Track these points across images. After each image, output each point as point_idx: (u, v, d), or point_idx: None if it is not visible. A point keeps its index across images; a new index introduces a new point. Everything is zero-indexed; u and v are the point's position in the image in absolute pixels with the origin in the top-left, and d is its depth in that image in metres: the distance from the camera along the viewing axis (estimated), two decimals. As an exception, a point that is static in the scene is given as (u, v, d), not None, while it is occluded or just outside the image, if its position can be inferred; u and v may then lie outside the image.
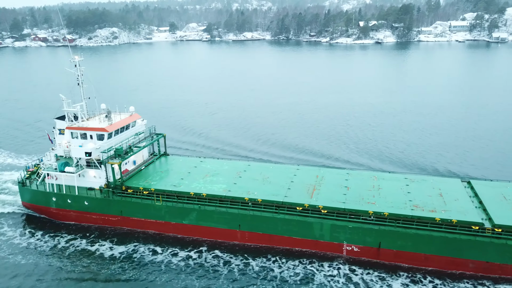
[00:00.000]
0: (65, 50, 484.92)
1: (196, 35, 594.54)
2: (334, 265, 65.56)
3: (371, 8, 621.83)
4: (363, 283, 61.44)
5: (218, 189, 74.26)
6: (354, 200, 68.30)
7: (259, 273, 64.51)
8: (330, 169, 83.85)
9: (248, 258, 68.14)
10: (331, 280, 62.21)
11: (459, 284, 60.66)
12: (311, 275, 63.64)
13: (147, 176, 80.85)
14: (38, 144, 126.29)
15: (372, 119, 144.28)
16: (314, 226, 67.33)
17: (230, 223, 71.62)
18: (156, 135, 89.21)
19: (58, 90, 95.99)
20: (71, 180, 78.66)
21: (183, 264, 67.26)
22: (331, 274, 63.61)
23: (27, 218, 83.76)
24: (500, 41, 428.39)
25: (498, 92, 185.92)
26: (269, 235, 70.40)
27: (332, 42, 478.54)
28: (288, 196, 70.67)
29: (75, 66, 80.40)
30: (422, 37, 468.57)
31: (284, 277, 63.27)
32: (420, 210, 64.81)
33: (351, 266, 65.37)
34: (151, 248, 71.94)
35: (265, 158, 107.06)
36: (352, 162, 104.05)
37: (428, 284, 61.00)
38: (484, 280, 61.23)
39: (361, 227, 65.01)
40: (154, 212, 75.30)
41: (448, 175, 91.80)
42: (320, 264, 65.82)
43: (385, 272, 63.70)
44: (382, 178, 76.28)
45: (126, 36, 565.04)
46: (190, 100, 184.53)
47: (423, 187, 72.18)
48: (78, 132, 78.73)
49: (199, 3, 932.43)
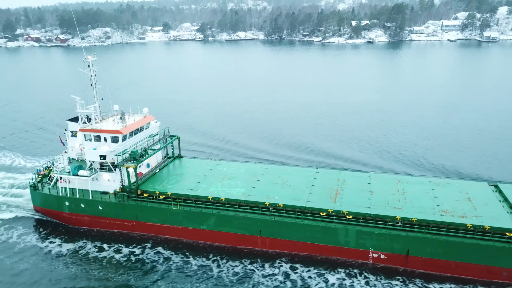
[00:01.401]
0: (58, 50, 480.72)
1: (189, 35, 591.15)
2: (360, 273, 62.91)
3: (365, 8, 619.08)
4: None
5: (237, 193, 71.36)
6: (380, 205, 65.55)
7: (283, 281, 61.85)
8: (351, 172, 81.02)
9: (271, 266, 65.40)
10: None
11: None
12: (337, 283, 61.00)
13: (162, 179, 77.92)
14: (44, 145, 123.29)
15: (377, 118, 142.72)
16: (339, 232, 64.44)
17: (250, 228, 68.71)
18: (170, 137, 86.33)
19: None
20: (85, 184, 75.66)
21: (200, 271, 64.52)
22: (359, 282, 61.11)
23: (39, 222, 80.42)
24: (491, 40, 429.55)
25: (489, 92, 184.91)
26: (292, 242, 67.50)
27: (324, 41, 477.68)
28: (311, 200, 67.81)
29: (88, 66, 77.24)
30: (414, 36, 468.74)
31: (310, 285, 60.69)
32: (450, 215, 62.07)
33: (377, 273, 62.75)
34: (169, 254, 69.14)
35: (271, 159, 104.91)
36: (362, 162, 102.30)
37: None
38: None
39: (389, 233, 62.22)
40: (171, 217, 72.31)
41: (473, 177, 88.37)
42: (346, 272, 63.01)
43: (413, 280, 61.03)
44: (406, 182, 73.48)
45: (119, 36, 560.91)
46: (189, 99, 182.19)
47: (449, 191, 69.49)
48: (91, 134, 75.75)
49: (195, 3, 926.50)
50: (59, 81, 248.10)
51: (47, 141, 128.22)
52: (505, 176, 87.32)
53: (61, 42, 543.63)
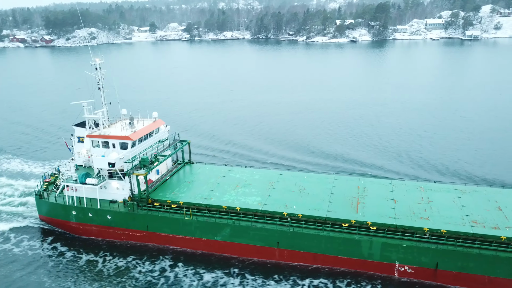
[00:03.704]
0: (43, 50, 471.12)
1: (176, 35, 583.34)
2: (385, 287, 59.16)
3: (353, 7, 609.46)
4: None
5: (253, 202, 67.27)
6: (405, 215, 61.67)
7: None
8: (371, 178, 77.15)
9: (290, 279, 61.36)
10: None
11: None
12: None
13: (173, 187, 73.54)
14: (48, 149, 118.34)
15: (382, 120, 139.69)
16: (363, 244, 60.39)
17: (268, 240, 64.50)
18: (181, 142, 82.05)
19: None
20: (93, 192, 71.13)
21: (214, 285, 60.51)
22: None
23: (44, 232, 75.79)
24: (472, 38, 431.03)
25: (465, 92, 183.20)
26: (312, 254, 63.44)
27: (308, 41, 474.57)
28: (331, 210, 63.81)
29: (96, 69, 72.53)
30: (397, 35, 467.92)
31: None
32: (481, 226, 58.05)
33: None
34: (181, 267, 65.00)
35: (281, 162, 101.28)
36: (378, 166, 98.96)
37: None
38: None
39: (416, 246, 58.24)
40: (183, 228, 67.95)
41: (499, 183, 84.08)
42: (370, 286, 59.21)
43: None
44: (430, 189, 69.63)
45: (105, 36, 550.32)
46: (182, 100, 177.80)
47: (477, 200, 65.66)
48: (99, 140, 71.16)
49: (185, 3, 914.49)
50: (47, 81, 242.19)
51: (48, 144, 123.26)
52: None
53: (46, 42, 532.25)
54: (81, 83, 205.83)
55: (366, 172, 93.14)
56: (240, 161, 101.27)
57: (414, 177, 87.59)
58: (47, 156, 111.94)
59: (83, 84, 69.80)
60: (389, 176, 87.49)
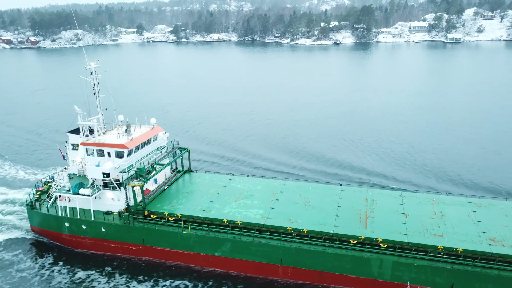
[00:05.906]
0: (29, 52, 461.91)
1: (163, 37, 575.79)
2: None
3: (343, 9, 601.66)
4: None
5: (255, 215, 62.92)
6: (417, 231, 57.53)
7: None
8: (379, 190, 72.97)
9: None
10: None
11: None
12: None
13: (171, 198, 68.96)
14: (40, 154, 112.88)
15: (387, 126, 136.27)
16: (372, 262, 56.22)
17: (271, 256, 60.17)
18: (180, 150, 77.34)
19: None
20: (86, 203, 66.23)
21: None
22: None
23: (36, 244, 70.95)
24: (454, 41, 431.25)
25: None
26: (318, 272, 59.17)
27: (292, 43, 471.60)
28: (339, 225, 59.53)
29: (91, 73, 67.66)
30: (380, 38, 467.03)
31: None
32: (500, 245, 53.55)
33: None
34: (178, 283, 60.74)
35: (271, 165, 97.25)
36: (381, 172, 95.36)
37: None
38: None
39: (430, 265, 53.85)
40: (181, 242, 63.51)
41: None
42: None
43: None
44: (443, 202, 65.48)
45: (91, 38, 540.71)
46: (174, 101, 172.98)
47: (494, 214, 61.62)
48: (94, 148, 66.26)
49: (178, 5, 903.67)
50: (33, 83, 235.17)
51: (44, 149, 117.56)
52: None
53: (32, 44, 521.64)
54: (70, 85, 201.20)
55: (372, 178, 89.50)
56: (242, 168, 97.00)
57: (422, 185, 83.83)
58: (42, 163, 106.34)
59: (76, 87, 65.27)
60: (393, 180, 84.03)
